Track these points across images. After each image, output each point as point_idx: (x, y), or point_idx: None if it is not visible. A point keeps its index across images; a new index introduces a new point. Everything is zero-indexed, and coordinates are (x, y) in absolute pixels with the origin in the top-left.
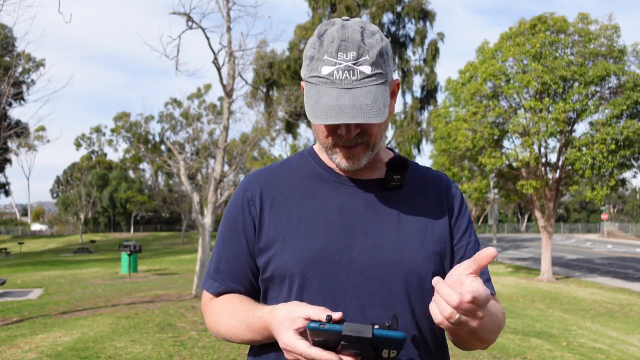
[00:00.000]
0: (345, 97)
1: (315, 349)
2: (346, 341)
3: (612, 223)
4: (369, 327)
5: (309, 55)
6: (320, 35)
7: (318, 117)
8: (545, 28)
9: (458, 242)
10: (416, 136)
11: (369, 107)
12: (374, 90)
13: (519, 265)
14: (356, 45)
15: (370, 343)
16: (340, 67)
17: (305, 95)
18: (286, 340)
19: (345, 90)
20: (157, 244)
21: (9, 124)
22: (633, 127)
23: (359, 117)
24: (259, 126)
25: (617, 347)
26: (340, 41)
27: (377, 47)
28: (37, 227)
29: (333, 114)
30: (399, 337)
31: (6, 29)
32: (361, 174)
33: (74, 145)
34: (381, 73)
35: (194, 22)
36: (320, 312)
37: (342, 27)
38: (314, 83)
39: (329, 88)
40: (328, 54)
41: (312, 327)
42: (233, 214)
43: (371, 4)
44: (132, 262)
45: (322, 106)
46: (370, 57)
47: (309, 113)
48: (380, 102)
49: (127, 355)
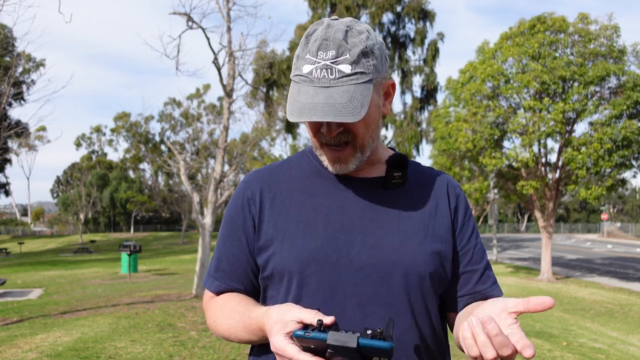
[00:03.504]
0: (320, 96)
1: (305, 354)
2: (332, 350)
3: (612, 223)
4: (354, 337)
5: (296, 54)
6: (308, 35)
7: (293, 114)
8: (545, 28)
9: (466, 245)
10: (416, 136)
11: (343, 106)
12: (351, 90)
13: (519, 265)
14: (336, 44)
15: (356, 352)
16: (319, 66)
17: (289, 93)
18: (277, 344)
19: (321, 88)
20: (157, 244)
21: (9, 124)
22: (631, 127)
23: (330, 115)
24: (259, 126)
25: (617, 347)
26: (322, 40)
27: (359, 46)
28: (37, 228)
29: (306, 112)
30: (385, 348)
31: (6, 29)
32: (361, 172)
33: (74, 145)
34: (363, 72)
35: (194, 22)
36: (313, 315)
37: (327, 27)
38: (296, 81)
39: (307, 86)
40: (310, 53)
41: (297, 335)
42: (233, 213)
43: (371, 4)
44: (132, 262)
45: (298, 104)
46: (350, 56)
47: (287, 110)
48: (357, 101)
49: (127, 355)
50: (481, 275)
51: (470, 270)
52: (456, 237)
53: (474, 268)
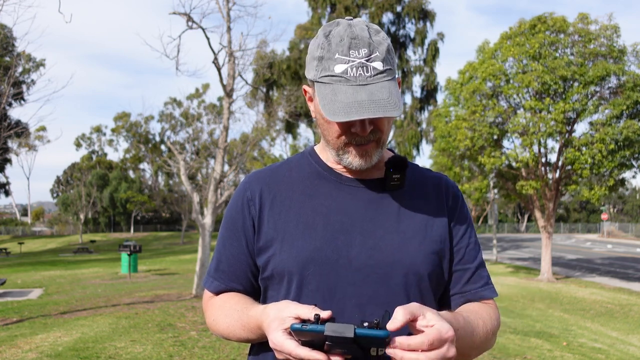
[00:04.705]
0: (362, 93)
1: (304, 348)
2: (330, 341)
3: (612, 223)
4: (350, 327)
5: (317, 56)
6: (326, 35)
7: (337, 114)
8: (545, 28)
9: (458, 243)
10: (416, 136)
11: (386, 102)
12: (387, 85)
13: (519, 265)
14: (366, 43)
15: (354, 342)
16: (354, 65)
17: (319, 95)
18: (275, 340)
19: (360, 86)
20: (157, 244)
21: (9, 124)
22: (632, 127)
23: (379, 111)
24: (259, 126)
25: (617, 347)
26: (351, 39)
27: (384, 44)
28: (37, 228)
29: (354, 111)
30: (381, 336)
31: (6, 29)
32: (362, 173)
33: (74, 145)
34: (391, 69)
35: (194, 22)
36: (310, 311)
37: (349, 26)
38: (327, 82)
39: (344, 86)
40: (339, 52)
41: (295, 328)
42: (233, 214)
43: (370, 4)
44: (132, 262)
45: (339, 104)
46: (380, 53)
47: (326, 112)
48: (395, 96)
49: (127, 355)
50: (472, 275)
51: (460, 269)
52: (452, 236)
53: (465, 267)
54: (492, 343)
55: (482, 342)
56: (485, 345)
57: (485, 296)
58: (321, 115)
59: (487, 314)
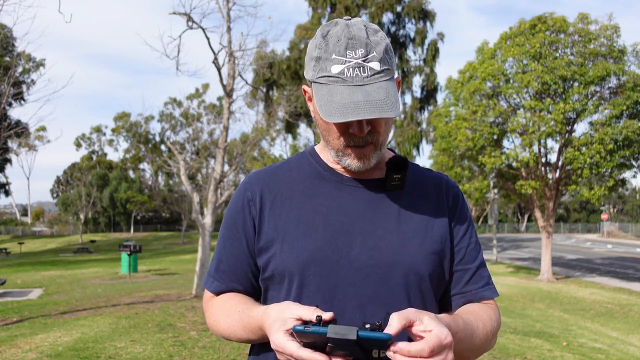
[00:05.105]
0: (358, 94)
1: (305, 350)
2: (332, 343)
3: (612, 223)
4: (353, 329)
5: (314, 56)
6: (324, 35)
7: (333, 115)
8: (545, 28)
9: (458, 243)
10: (416, 136)
11: (382, 102)
12: (384, 86)
13: (519, 265)
14: (363, 43)
15: (356, 344)
16: (351, 65)
17: (316, 96)
18: (277, 341)
19: (357, 87)
20: (157, 244)
21: (9, 124)
22: (632, 127)
23: (375, 112)
24: (259, 126)
25: (617, 347)
26: (348, 39)
27: (382, 44)
28: (37, 228)
29: (350, 111)
30: (383, 338)
31: (6, 29)
32: (362, 173)
33: (74, 145)
34: (388, 69)
35: (194, 22)
36: (312, 312)
37: (347, 26)
38: (323, 83)
39: (340, 86)
40: (336, 52)
41: (297, 330)
42: (233, 214)
43: (370, 4)
44: (132, 262)
45: (335, 104)
46: (377, 53)
47: (322, 113)
48: (392, 96)
49: (127, 355)
50: (473, 275)
51: (461, 269)
52: (453, 236)
53: (466, 267)
54: (493, 344)
55: (482, 343)
56: (485, 347)
57: (485, 296)
58: (320, 116)
59: (487, 315)
